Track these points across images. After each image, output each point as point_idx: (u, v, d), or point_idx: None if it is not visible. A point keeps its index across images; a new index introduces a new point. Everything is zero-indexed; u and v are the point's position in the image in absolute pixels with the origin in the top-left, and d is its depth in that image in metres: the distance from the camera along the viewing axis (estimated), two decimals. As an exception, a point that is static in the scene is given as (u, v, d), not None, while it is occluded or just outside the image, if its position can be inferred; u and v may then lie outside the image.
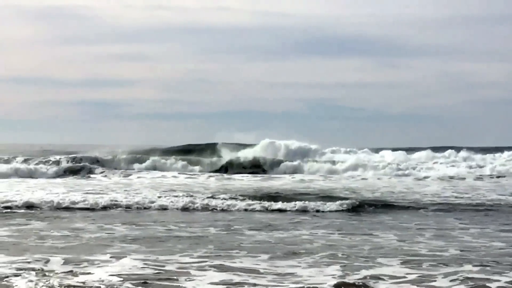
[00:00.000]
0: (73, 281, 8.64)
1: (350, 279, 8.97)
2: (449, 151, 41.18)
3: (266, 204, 17.94)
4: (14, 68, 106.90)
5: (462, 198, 21.12)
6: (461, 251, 11.44)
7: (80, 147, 46.21)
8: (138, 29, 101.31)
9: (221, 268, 9.65)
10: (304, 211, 17.55)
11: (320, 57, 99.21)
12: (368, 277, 9.13)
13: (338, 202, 18.10)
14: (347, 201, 18.38)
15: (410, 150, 43.54)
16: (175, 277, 8.96)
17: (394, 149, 42.69)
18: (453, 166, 35.90)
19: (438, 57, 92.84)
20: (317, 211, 17.51)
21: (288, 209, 17.65)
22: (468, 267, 9.88)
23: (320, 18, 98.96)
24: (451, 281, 9.01)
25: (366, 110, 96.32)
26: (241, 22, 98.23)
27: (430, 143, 52.75)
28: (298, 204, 17.84)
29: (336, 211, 17.56)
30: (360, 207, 18.16)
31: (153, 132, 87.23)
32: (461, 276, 9.23)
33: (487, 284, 8.77)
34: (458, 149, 42.84)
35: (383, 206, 18.70)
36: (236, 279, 8.98)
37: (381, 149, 43.32)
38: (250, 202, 18.30)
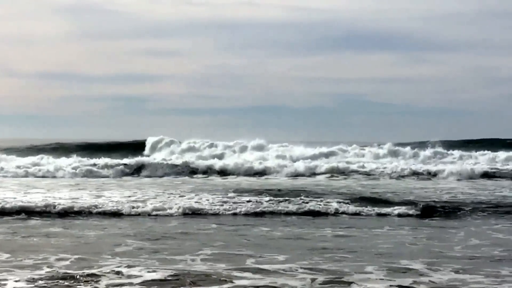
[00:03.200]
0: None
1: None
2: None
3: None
4: (43, 63, 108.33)
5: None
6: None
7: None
8: (167, 25, 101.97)
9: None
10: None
11: (348, 52, 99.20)
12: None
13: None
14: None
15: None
16: None
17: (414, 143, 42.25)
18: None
19: (468, 51, 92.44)
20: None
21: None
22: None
23: (349, 13, 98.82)
24: None
25: (395, 105, 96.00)
26: (269, 17, 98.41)
27: (459, 137, 52.39)
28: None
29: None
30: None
31: (181, 127, 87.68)
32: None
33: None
34: (489, 141, 42.52)
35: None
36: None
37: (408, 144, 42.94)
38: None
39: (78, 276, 9.07)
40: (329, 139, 41.81)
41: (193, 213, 16.29)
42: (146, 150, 39.56)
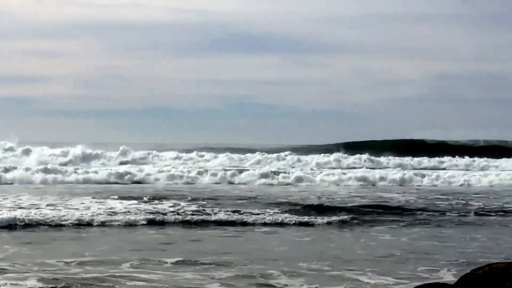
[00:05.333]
0: None
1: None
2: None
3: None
4: None
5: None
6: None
7: None
8: (51, 25, 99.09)
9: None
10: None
11: (235, 54, 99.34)
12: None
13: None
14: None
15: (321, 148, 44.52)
16: None
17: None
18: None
19: (353, 54, 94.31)
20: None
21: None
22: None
23: (236, 15, 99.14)
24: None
25: (280, 108, 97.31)
26: (155, 18, 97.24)
27: (343, 139, 53.81)
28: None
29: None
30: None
31: (67, 129, 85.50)
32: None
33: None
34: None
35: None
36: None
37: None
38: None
39: None
40: (216, 141, 41.97)
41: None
42: None
